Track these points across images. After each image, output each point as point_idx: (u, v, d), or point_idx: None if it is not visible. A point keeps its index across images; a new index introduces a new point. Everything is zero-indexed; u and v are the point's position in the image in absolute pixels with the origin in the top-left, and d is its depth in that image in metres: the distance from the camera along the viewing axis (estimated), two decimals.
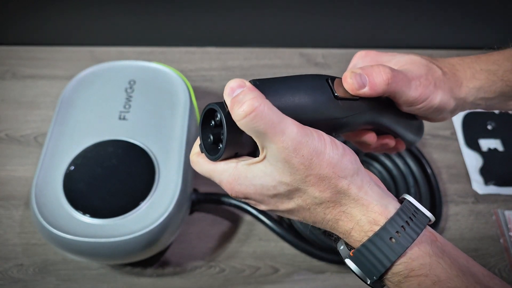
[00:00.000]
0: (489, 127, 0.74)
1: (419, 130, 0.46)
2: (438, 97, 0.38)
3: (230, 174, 0.31)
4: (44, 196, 0.52)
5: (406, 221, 0.29)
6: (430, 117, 0.41)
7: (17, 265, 0.58)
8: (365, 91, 0.34)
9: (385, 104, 0.38)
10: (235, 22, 0.82)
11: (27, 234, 0.60)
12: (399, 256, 0.29)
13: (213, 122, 0.32)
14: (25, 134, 0.71)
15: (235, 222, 0.63)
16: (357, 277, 0.31)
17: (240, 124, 0.28)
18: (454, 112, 0.41)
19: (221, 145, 0.31)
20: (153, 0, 0.77)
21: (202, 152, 0.33)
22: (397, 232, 0.29)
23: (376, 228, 0.29)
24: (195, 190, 0.61)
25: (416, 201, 0.31)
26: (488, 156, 0.70)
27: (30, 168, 0.66)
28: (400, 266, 0.29)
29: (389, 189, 0.64)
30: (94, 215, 0.51)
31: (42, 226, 0.50)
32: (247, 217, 0.63)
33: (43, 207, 0.51)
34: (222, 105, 0.30)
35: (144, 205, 0.52)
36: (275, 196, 0.31)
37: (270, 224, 0.59)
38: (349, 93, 0.34)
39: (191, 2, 0.78)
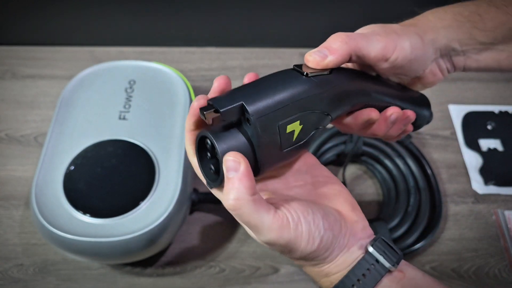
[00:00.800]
0: (489, 127, 0.74)
1: (422, 102, 0.44)
2: (407, 42, 0.36)
3: None
4: (44, 196, 0.52)
5: (361, 277, 0.32)
6: (417, 74, 0.40)
7: (17, 265, 0.58)
8: (330, 59, 0.34)
9: (363, 74, 0.38)
10: (235, 22, 0.82)
11: (27, 234, 0.60)
12: None
13: (208, 150, 0.33)
14: (25, 134, 0.71)
15: (235, 222, 0.63)
16: None
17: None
18: (439, 63, 0.40)
19: (215, 168, 0.33)
20: (153, 0, 0.77)
21: (204, 178, 0.34)
22: (358, 280, 0.32)
23: (341, 277, 0.32)
24: (195, 190, 0.61)
25: (376, 252, 0.33)
26: (488, 156, 0.70)
27: (30, 168, 0.66)
28: None
29: (389, 189, 0.64)
30: (94, 214, 0.51)
31: (42, 226, 0.50)
32: None
33: (43, 207, 0.51)
34: (217, 136, 0.31)
35: (144, 205, 0.52)
36: None
37: None
38: (318, 70, 0.34)
39: (191, 2, 0.78)
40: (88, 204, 0.51)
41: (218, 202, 0.61)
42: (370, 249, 0.33)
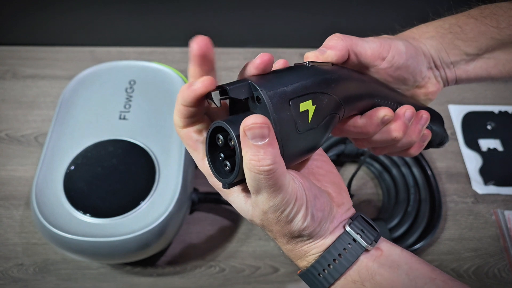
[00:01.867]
0: (489, 127, 0.74)
1: (433, 116, 0.43)
2: (401, 44, 0.38)
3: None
4: (45, 196, 0.52)
5: (337, 256, 0.32)
6: (416, 81, 0.40)
7: (18, 265, 0.58)
8: (329, 52, 0.35)
9: (368, 75, 0.38)
10: (235, 22, 0.82)
11: (27, 233, 0.61)
12: (335, 280, 0.32)
13: (221, 141, 0.31)
14: (26, 134, 0.71)
15: (235, 222, 0.63)
16: None
17: (249, 174, 0.29)
18: (435, 73, 0.41)
19: (229, 165, 0.31)
20: (153, 0, 0.78)
21: (213, 175, 0.32)
22: (327, 266, 0.32)
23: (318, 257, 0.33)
24: (195, 190, 0.61)
25: (353, 232, 0.33)
26: (488, 156, 0.70)
27: (31, 168, 0.67)
28: None
29: (389, 189, 0.64)
30: (94, 214, 0.51)
31: (42, 226, 0.50)
32: None
33: (44, 207, 0.52)
34: (232, 124, 0.29)
35: (144, 205, 0.52)
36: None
37: None
38: (318, 62, 0.35)
39: (191, 2, 0.78)
40: (88, 204, 0.51)
41: (218, 201, 0.61)
42: (347, 228, 0.33)
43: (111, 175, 0.54)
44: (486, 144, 0.72)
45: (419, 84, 0.41)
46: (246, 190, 0.33)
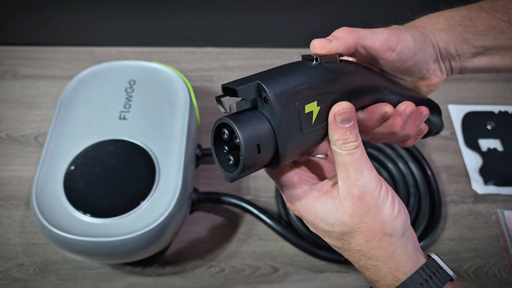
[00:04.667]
0: (489, 127, 0.74)
1: (432, 107, 0.43)
2: (409, 35, 0.37)
3: (297, 193, 0.35)
4: (45, 196, 0.52)
5: (426, 279, 0.32)
6: (421, 73, 0.40)
7: (18, 265, 0.58)
8: (335, 43, 0.35)
9: (372, 69, 0.39)
10: (235, 22, 0.82)
11: (27, 234, 0.61)
12: None
13: (226, 135, 0.32)
14: (26, 134, 0.71)
15: (235, 221, 0.63)
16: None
17: (338, 154, 0.32)
18: (439, 64, 0.41)
19: (233, 160, 0.32)
20: (153, 0, 0.78)
21: (219, 168, 0.33)
22: (420, 284, 0.32)
23: (397, 284, 0.32)
24: (195, 190, 0.61)
25: (440, 260, 0.34)
26: (488, 156, 0.70)
27: (31, 168, 0.67)
28: None
29: None
30: (94, 214, 0.51)
31: (42, 226, 0.50)
32: (247, 217, 0.63)
33: (44, 207, 0.51)
34: (240, 124, 0.30)
35: (144, 205, 0.52)
36: (327, 232, 0.34)
37: (270, 222, 0.59)
38: (325, 56, 0.34)
39: (191, 2, 0.78)
40: (89, 204, 0.51)
41: (218, 201, 0.61)
42: (434, 256, 0.34)
43: (111, 175, 0.54)
44: (486, 144, 0.72)
45: (423, 76, 0.41)
46: (329, 192, 0.34)
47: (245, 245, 0.61)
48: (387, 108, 0.38)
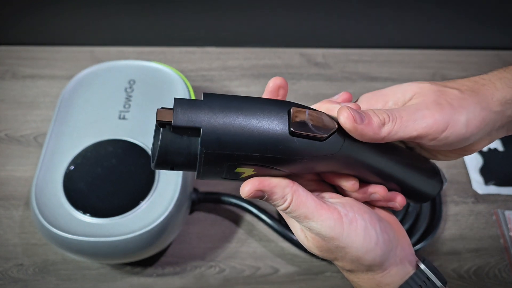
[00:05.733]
0: None
1: (431, 174, 0.36)
2: (463, 117, 0.30)
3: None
4: (45, 196, 0.52)
5: None
6: (464, 149, 0.34)
7: (17, 265, 0.58)
8: (368, 128, 0.29)
9: (367, 152, 0.31)
10: (235, 22, 0.82)
11: (27, 234, 0.60)
12: None
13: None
14: (25, 134, 0.71)
15: (235, 222, 0.63)
16: None
17: (285, 212, 0.31)
18: (492, 134, 0.33)
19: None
20: (153, 0, 0.77)
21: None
22: None
23: None
24: (195, 190, 0.61)
25: (428, 270, 0.33)
26: (488, 156, 0.70)
27: (30, 168, 0.66)
28: None
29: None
30: (94, 214, 0.51)
31: (42, 226, 0.50)
32: (247, 217, 0.63)
33: (44, 207, 0.51)
34: (164, 139, 0.28)
35: (144, 205, 0.52)
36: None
37: (270, 222, 0.59)
38: (312, 130, 0.28)
39: (191, 2, 0.78)
40: (88, 204, 0.51)
41: (218, 201, 0.61)
42: (422, 266, 0.33)
43: (111, 175, 0.54)
44: None
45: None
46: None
47: (245, 245, 0.61)
48: (349, 186, 0.33)
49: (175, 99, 0.28)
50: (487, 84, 0.32)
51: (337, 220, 0.30)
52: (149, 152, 0.56)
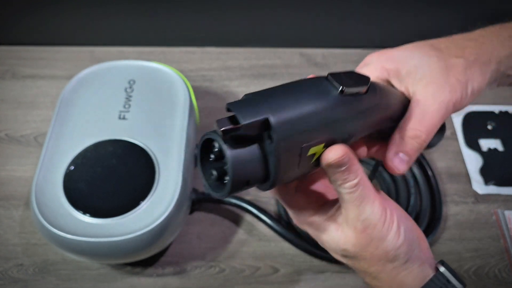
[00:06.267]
0: (489, 127, 0.74)
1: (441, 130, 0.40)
2: (469, 89, 0.35)
3: (303, 217, 0.35)
4: (45, 196, 0.52)
5: None
6: None
7: (17, 265, 0.58)
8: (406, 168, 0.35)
9: (394, 94, 0.35)
10: (235, 22, 0.82)
11: (27, 234, 0.60)
12: None
13: (214, 153, 0.29)
14: (25, 134, 0.71)
15: (235, 222, 0.63)
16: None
17: (339, 191, 0.31)
18: (489, 85, 0.38)
19: (226, 179, 0.28)
20: (153, 0, 0.77)
21: (207, 190, 0.31)
22: None
23: None
24: (195, 190, 0.61)
25: (448, 272, 0.33)
26: (488, 156, 0.70)
27: (30, 168, 0.66)
28: None
29: (389, 190, 0.64)
30: (94, 214, 0.51)
31: (42, 226, 0.50)
32: (247, 217, 0.63)
33: (44, 207, 0.51)
34: (218, 134, 0.26)
35: (144, 205, 0.52)
36: (332, 250, 0.35)
37: (270, 223, 0.59)
38: (355, 84, 0.30)
39: (191, 2, 0.78)
40: (88, 204, 0.51)
41: (218, 202, 0.61)
42: (442, 268, 0.33)
43: (111, 175, 0.54)
44: (486, 144, 0.72)
45: None
46: (333, 217, 0.34)
47: (245, 245, 0.61)
48: (362, 154, 0.38)
49: (228, 104, 0.27)
50: (486, 43, 0.36)
51: (383, 210, 0.32)
52: (149, 152, 0.56)
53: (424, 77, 0.35)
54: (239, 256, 0.60)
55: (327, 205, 0.35)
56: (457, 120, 0.75)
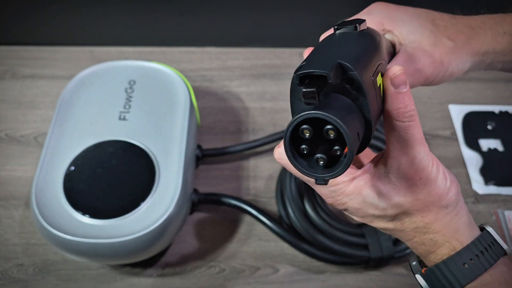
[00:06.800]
0: (489, 127, 0.74)
1: None
2: (449, 71, 0.36)
3: (340, 187, 0.32)
4: (44, 196, 0.52)
5: (481, 251, 0.31)
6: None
7: (17, 265, 0.58)
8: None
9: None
10: (235, 22, 0.82)
11: (27, 234, 0.60)
12: (470, 281, 0.31)
13: (308, 134, 0.26)
14: (25, 134, 0.71)
15: (235, 222, 0.63)
16: None
17: (398, 126, 0.30)
18: (468, 72, 0.39)
19: (336, 151, 0.27)
20: (153, 0, 0.77)
21: (319, 182, 0.27)
22: (471, 259, 0.31)
23: (452, 253, 0.32)
24: (195, 190, 0.61)
25: (495, 233, 0.33)
26: (488, 156, 0.70)
27: (30, 168, 0.66)
28: None
29: None
30: (94, 215, 0.51)
31: (42, 227, 0.50)
32: (247, 217, 0.63)
33: (43, 208, 0.51)
34: (333, 113, 0.25)
35: (144, 206, 0.52)
36: (379, 217, 0.33)
37: (270, 224, 0.59)
38: (356, 22, 0.32)
39: (191, 2, 0.78)
40: (88, 205, 0.51)
41: (218, 202, 0.61)
42: (489, 228, 0.33)
43: (111, 176, 0.54)
44: (486, 144, 0.72)
45: None
46: (375, 175, 0.32)
47: (245, 245, 0.61)
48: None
49: (297, 71, 0.26)
50: (481, 34, 0.37)
51: (429, 152, 0.31)
52: (149, 153, 0.56)
53: (413, 42, 0.37)
54: (239, 256, 0.60)
55: (364, 169, 0.33)
56: (457, 120, 0.75)
